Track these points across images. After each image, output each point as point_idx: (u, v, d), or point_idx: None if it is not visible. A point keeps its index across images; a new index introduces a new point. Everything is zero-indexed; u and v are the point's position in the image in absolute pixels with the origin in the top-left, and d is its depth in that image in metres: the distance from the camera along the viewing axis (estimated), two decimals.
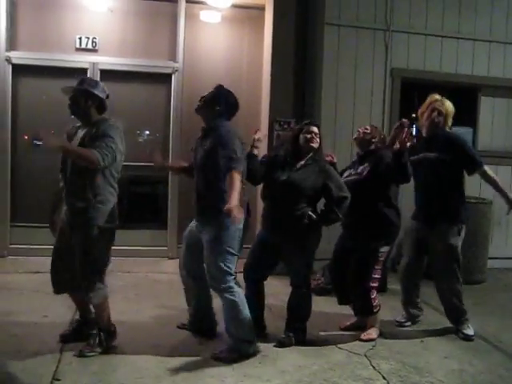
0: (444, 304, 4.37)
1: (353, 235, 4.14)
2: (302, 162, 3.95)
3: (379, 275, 4.12)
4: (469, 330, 4.25)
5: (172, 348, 3.76)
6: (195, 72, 6.36)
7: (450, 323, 4.37)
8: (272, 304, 4.48)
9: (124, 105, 6.39)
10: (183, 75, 6.35)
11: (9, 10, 5.95)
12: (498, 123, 6.92)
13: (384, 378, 3.43)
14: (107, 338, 3.62)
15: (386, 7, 6.35)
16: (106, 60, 6.23)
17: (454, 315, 4.33)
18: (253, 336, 3.71)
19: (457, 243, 4.19)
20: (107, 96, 3.66)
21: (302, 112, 6.13)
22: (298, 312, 4.04)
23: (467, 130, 6.77)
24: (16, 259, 5.81)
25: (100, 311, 3.62)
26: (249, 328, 3.66)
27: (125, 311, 4.47)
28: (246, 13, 6.52)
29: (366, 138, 4.16)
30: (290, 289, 4.05)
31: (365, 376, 3.45)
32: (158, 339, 3.90)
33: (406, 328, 4.44)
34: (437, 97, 4.30)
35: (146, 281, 5.50)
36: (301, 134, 4.00)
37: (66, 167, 3.53)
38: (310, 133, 3.96)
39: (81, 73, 6.06)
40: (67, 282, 3.59)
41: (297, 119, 6.11)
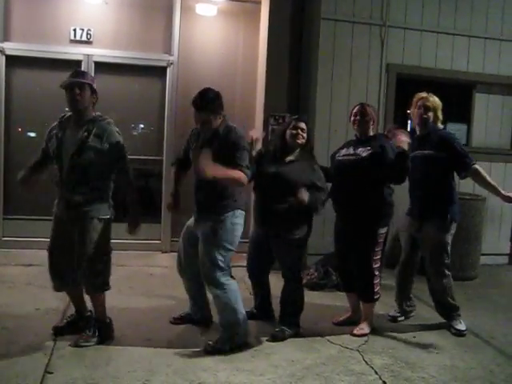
0: (434, 299, 4.40)
1: (350, 218, 4.10)
2: (292, 157, 3.99)
3: (380, 256, 4.10)
4: (460, 326, 4.27)
5: (165, 341, 3.76)
6: (190, 65, 6.34)
7: (442, 318, 4.38)
8: None
9: (118, 98, 6.36)
10: (178, 68, 6.33)
11: (3, 1, 5.90)
12: (492, 120, 6.93)
13: (376, 373, 3.44)
14: (103, 329, 3.64)
15: (383, 2, 6.33)
16: (101, 52, 6.18)
17: (445, 311, 4.35)
18: (245, 329, 3.72)
19: (446, 239, 4.21)
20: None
21: (297, 106, 6.13)
22: (291, 306, 4.07)
23: (461, 127, 6.78)
24: (8, 252, 5.78)
25: (97, 301, 3.64)
26: (241, 321, 3.68)
27: (118, 304, 4.45)
28: (242, 6, 6.50)
29: (366, 120, 4.11)
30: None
31: (357, 371, 3.46)
32: (151, 332, 3.90)
33: (399, 323, 4.45)
34: (422, 94, 4.31)
35: (140, 274, 5.49)
36: (288, 130, 4.03)
37: (62, 160, 3.51)
38: (297, 129, 3.99)
39: (75, 65, 6.04)
40: (68, 277, 3.58)
41: (292, 114, 6.11)
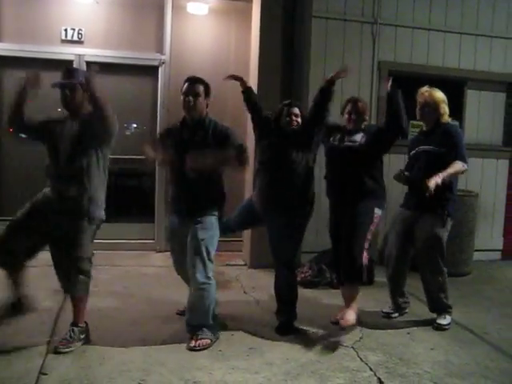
0: (428, 296, 4.41)
1: (348, 199, 4.08)
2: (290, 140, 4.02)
3: (370, 238, 4.10)
4: (443, 320, 4.28)
5: (159, 341, 3.75)
6: (182, 64, 6.32)
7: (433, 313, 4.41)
8: (260, 297, 4.51)
9: (110, 97, 6.23)
10: (170, 67, 6.33)
11: None
12: (484, 116, 6.96)
13: (371, 370, 3.45)
14: (80, 334, 3.59)
15: (374, 0, 6.34)
16: (92, 52, 6.17)
17: (437, 307, 4.37)
18: (215, 320, 3.77)
19: (441, 235, 4.22)
20: None
21: None
22: (287, 294, 4.11)
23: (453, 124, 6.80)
24: None
25: (78, 304, 3.58)
26: (212, 314, 3.73)
27: (112, 304, 4.46)
28: (234, 5, 6.49)
29: (360, 117, 4.13)
30: None
31: (352, 368, 3.47)
32: (146, 332, 3.89)
33: (393, 319, 4.47)
34: (423, 90, 4.32)
35: (134, 274, 5.48)
36: (281, 117, 4.07)
37: (59, 153, 3.48)
38: (290, 115, 4.02)
39: (66, 65, 6.01)
40: (15, 260, 3.48)
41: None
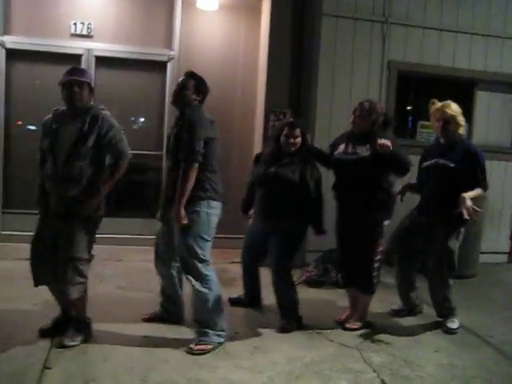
0: (433, 301, 4.42)
1: (356, 211, 4.05)
2: (287, 160, 4.06)
3: (383, 247, 4.11)
4: (452, 324, 4.26)
5: (163, 338, 3.75)
6: (191, 60, 6.30)
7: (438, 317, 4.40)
8: (264, 295, 4.50)
9: (119, 92, 6.35)
10: (179, 63, 6.31)
11: None
12: (494, 118, 6.92)
13: (374, 371, 3.44)
14: (84, 328, 3.59)
15: None
16: (101, 46, 6.18)
17: (443, 313, 4.36)
18: (224, 326, 3.70)
19: (454, 248, 4.21)
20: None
21: (298, 102, 6.12)
22: (286, 301, 4.13)
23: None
24: (8, 246, 5.77)
25: (78, 303, 3.56)
26: (220, 318, 3.68)
27: (116, 300, 4.47)
28: (244, 1, 6.47)
29: (364, 114, 4.01)
30: None
31: (356, 369, 3.45)
32: (150, 329, 3.89)
33: (398, 321, 4.45)
34: (437, 106, 4.22)
35: (139, 269, 5.47)
36: (281, 136, 4.09)
37: (57, 154, 3.46)
38: (289, 137, 4.05)
39: (75, 59, 6.03)
40: (48, 274, 3.48)
41: (292, 110, 6.10)
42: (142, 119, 6.62)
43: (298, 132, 4.06)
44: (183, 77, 3.78)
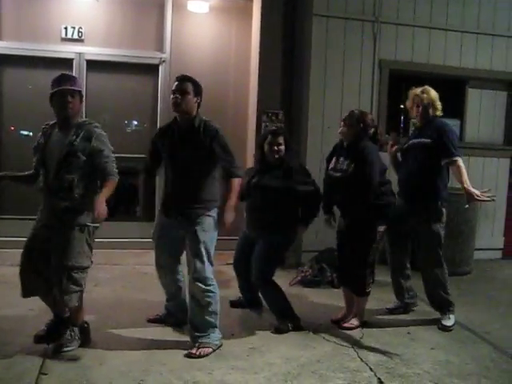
0: (427, 292, 4.41)
1: (350, 217, 4.12)
2: (271, 167, 4.08)
3: (374, 253, 4.11)
4: (447, 321, 4.28)
5: (159, 341, 3.75)
6: (183, 63, 6.30)
7: (435, 311, 4.41)
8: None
9: (111, 96, 6.35)
10: (170, 66, 6.31)
11: None
12: (485, 115, 6.94)
13: (371, 370, 3.44)
14: (80, 334, 3.58)
15: None
16: (93, 50, 6.17)
17: (438, 304, 4.37)
18: (218, 328, 3.72)
19: (438, 229, 4.24)
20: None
21: (290, 103, 6.13)
22: (274, 307, 4.15)
23: (454, 122, 6.78)
24: (2, 252, 5.75)
25: (75, 311, 3.53)
26: (218, 320, 3.70)
27: (112, 304, 4.46)
28: (234, 3, 6.47)
29: (352, 122, 4.04)
30: (281, 280, 4.19)
31: (352, 368, 3.46)
32: (146, 332, 3.89)
33: (394, 319, 4.46)
34: (417, 91, 4.32)
35: (134, 273, 5.47)
36: (265, 144, 4.10)
37: (49, 166, 3.43)
38: (272, 145, 4.06)
39: (67, 63, 6.02)
40: (38, 287, 3.46)
41: (285, 110, 6.11)
42: (135, 122, 6.62)
43: (282, 140, 4.07)
44: (179, 82, 3.66)
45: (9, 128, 6.21)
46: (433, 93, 4.31)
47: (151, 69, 6.37)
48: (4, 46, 5.97)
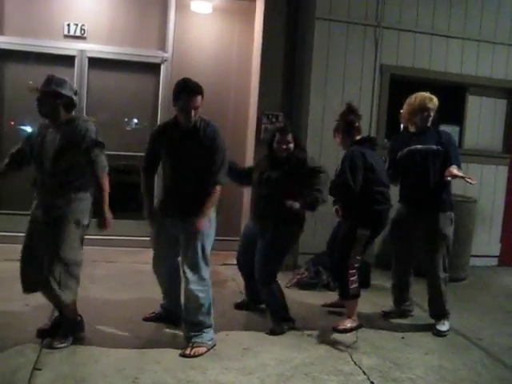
0: (430, 298, 4.41)
1: (341, 218, 4.30)
2: (280, 163, 4.08)
3: (357, 256, 4.11)
4: (442, 327, 4.30)
5: (154, 339, 3.77)
6: (184, 62, 6.32)
7: (430, 317, 4.43)
8: None
9: (112, 93, 6.36)
10: (172, 65, 6.32)
11: None
12: (485, 123, 6.97)
13: (364, 374, 3.46)
14: (74, 329, 3.60)
15: (377, 3, 6.32)
16: (95, 48, 6.17)
17: (437, 312, 4.38)
18: (212, 328, 3.73)
19: (449, 233, 4.27)
20: (76, 93, 3.60)
21: (291, 105, 6.14)
22: (271, 306, 4.16)
23: (454, 129, 6.80)
24: (0, 247, 5.75)
25: (68, 305, 3.56)
26: (212, 320, 3.71)
27: (108, 301, 4.47)
28: (238, 4, 6.49)
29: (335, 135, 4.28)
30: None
31: (345, 371, 3.47)
32: (141, 330, 3.91)
33: (388, 323, 4.47)
34: (425, 95, 4.31)
35: (131, 271, 5.47)
36: (273, 143, 4.11)
37: (43, 165, 3.47)
38: (280, 143, 4.06)
39: (69, 60, 6.04)
40: (38, 281, 3.48)
41: (285, 113, 6.12)
42: (136, 121, 6.62)
43: (290, 137, 4.07)
44: (190, 95, 3.54)
45: (10, 123, 6.22)
46: (435, 99, 4.33)
47: (153, 68, 6.37)
48: (6, 42, 5.97)
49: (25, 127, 6.22)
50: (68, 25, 6.11)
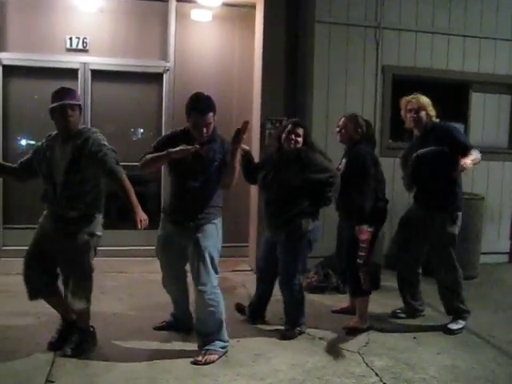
0: (441, 296, 4.40)
1: (343, 216, 4.32)
2: (288, 160, 4.02)
3: (366, 253, 4.06)
4: (453, 325, 4.28)
5: (165, 348, 3.77)
6: (186, 71, 6.36)
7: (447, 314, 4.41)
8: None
9: (116, 105, 6.40)
10: (174, 74, 6.35)
11: None
12: (489, 119, 6.94)
13: (377, 375, 3.45)
14: (87, 338, 3.63)
15: (377, 4, 6.33)
16: (97, 60, 6.22)
17: (450, 309, 4.36)
18: (226, 334, 3.72)
19: (454, 232, 4.24)
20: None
21: (294, 110, 6.14)
22: (291, 310, 4.14)
23: (459, 127, 6.77)
24: (9, 261, 5.78)
25: (82, 314, 3.61)
26: (224, 327, 3.69)
27: (118, 312, 4.48)
28: (237, 11, 6.51)
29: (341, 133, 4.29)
30: None
31: (358, 373, 3.47)
32: (152, 340, 3.91)
33: (399, 324, 4.46)
34: (407, 98, 4.38)
35: (140, 281, 5.49)
36: (282, 134, 4.07)
37: (54, 178, 3.49)
38: (290, 134, 4.02)
39: (72, 73, 6.08)
40: (43, 287, 3.56)
41: (288, 117, 6.12)
42: (140, 131, 6.66)
43: (301, 131, 4.03)
44: (201, 114, 3.59)
45: (14, 138, 6.26)
46: (423, 98, 4.33)
47: (155, 77, 6.41)
48: (9, 57, 6.03)
49: (29, 142, 6.27)
50: (70, 38, 6.15)
